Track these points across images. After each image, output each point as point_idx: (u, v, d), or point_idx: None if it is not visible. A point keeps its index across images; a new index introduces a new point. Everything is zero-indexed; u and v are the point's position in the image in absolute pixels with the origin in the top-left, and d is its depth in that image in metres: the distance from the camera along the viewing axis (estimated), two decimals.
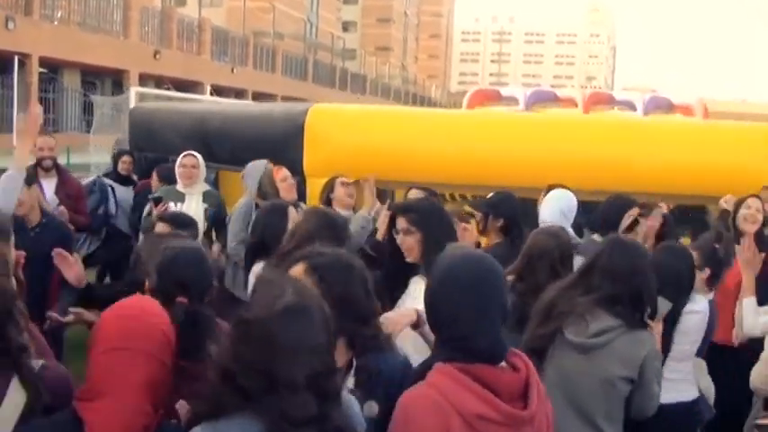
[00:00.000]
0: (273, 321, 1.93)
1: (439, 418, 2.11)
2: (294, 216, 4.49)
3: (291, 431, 1.87)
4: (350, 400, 2.21)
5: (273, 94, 46.22)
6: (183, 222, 4.53)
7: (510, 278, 4.16)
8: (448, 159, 6.33)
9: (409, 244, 3.56)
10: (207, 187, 6.61)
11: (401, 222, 3.59)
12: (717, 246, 4.88)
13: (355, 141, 6.35)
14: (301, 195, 6.19)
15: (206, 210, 6.33)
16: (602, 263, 3.46)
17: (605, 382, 3.29)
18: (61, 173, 6.89)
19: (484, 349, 2.21)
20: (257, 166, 5.87)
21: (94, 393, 2.16)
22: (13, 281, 2.73)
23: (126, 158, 8.34)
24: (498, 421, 2.12)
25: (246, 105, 11.01)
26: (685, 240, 5.81)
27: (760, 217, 5.36)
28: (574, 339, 3.32)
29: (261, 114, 7.00)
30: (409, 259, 3.58)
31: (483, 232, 5.34)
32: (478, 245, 5.44)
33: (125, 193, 7.81)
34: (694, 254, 4.57)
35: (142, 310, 2.32)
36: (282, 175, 5.66)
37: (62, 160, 19.63)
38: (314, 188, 6.17)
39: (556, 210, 5.21)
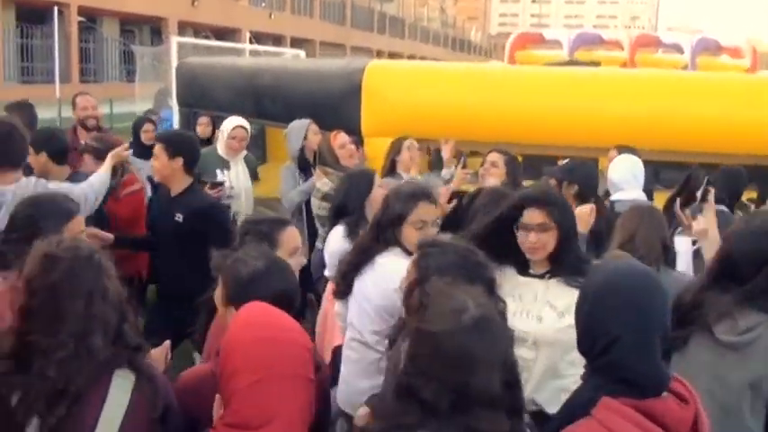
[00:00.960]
0: (464, 334, 1.85)
1: None
2: (379, 181, 4.51)
3: None
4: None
5: (312, 40, 45.93)
6: None
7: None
8: (509, 118, 6.14)
9: (544, 241, 3.09)
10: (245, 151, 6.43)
11: (536, 216, 3.09)
12: None
13: (414, 100, 6.18)
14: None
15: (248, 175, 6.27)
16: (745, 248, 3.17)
17: (754, 379, 3.04)
18: (104, 134, 6.75)
19: (645, 377, 2.02)
20: (299, 126, 5.72)
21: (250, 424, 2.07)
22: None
23: (148, 126, 7.26)
24: None
25: (300, 61, 10.81)
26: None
27: None
28: (724, 338, 3.04)
29: (315, 71, 6.81)
30: (534, 257, 3.16)
31: None
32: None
33: (149, 169, 7.03)
34: None
35: (281, 329, 2.21)
36: (341, 141, 5.49)
37: (104, 110, 19.85)
38: (372, 148, 6.04)
39: (628, 174, 5.01)
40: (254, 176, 6.62)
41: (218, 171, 5.95)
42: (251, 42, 26.79)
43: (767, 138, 5.97)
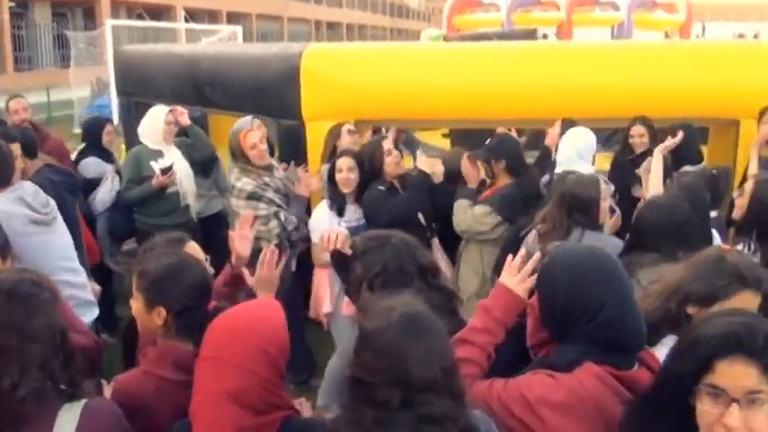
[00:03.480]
0: (393, 330, 1.99)
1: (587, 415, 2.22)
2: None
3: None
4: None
5: (248, 13, 45.37)
6: None
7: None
8: (448, 95, 6.18)
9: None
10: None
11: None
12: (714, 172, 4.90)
13: (354, 81, 6.17)
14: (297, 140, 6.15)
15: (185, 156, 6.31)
16: None
17: None
18: (39, 131, 6.71)
19: (632, 333, 2.30)
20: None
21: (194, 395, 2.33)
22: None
23: (110, 128, 7.06)
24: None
25: (239, 46, 10.74)
26: None
27: None
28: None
29: (254, 56, 6.77)
30: None
31: (492, 178, 5.34)
32: (483, 183, 5.42)
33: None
34: None
35: (245, 321, 2.38)
36: (251, 141, 5.36)
37: (42, 98, 19.48)
38: (314, 132, 6.06)
39: (573, 153, 5.17)
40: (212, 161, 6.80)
41: (152, 164, 6.01)
42: (186, 20, 26.42)
43: (684, 100, 6.23)
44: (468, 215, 5.13)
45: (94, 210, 6.29)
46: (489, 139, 5.41)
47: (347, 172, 5.10)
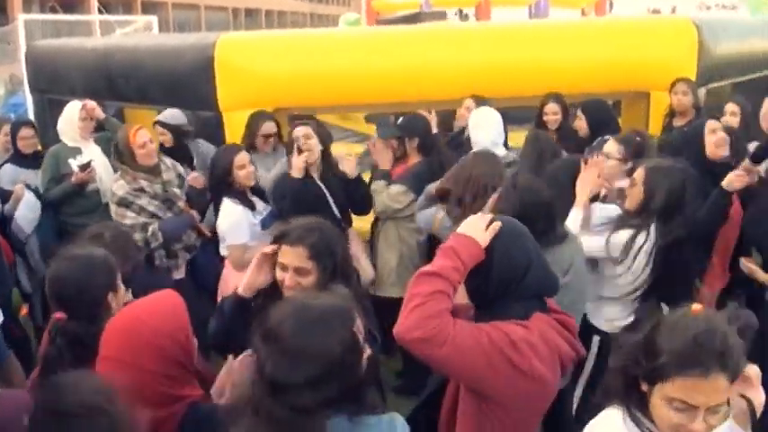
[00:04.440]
0: (284, 322, 2.04)
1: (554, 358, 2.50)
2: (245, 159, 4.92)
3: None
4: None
5: (164, 2, 44.63)
6: None
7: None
8: (368, 79, 6.21)
9: None
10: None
11: None
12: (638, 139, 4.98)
13: (270, 70, 6.13)
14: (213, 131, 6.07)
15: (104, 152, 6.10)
16: None
17: None
18: None
19: (553, 281, 2.64)
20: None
21: None
22: None
23: (26, 132, 6.22)
24: (574, 359, 2.62)
25: (152, 38, 10.53)
26: None
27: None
28: None
29: (168, 47, 6.66)
30: None
31: (403, 156, 5.40)
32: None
33: (33, 179, 6.01)
34: (620, 147, 4.68)
35: (136, 320, 2.36)
36: (141, 139, 5.10)
37: None
38: (232, 122, 5.99)
39: (495, 134, 5.31)
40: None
41: (71, 161, 5.87)
42: (100, 12, 25.85)
43: (596, 75, 6.44)
44: (384, 195, 5.23)
45: (20, 233, 5.70)
46: (401, 119, 5.47)
47: (249, 165, 5.01)
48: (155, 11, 34.91)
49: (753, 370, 2.16)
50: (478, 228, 2.50)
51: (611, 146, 4.73)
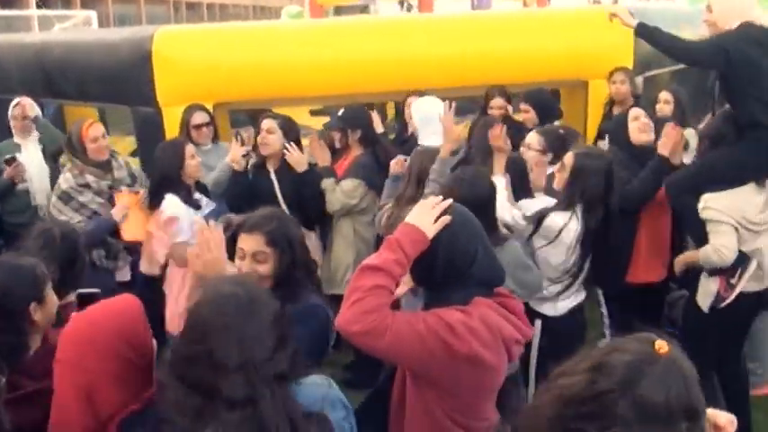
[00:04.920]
0: (205, 306, 2.04)
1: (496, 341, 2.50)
2: (191, 151, 4.84)
3: (222, 411, 1.95)
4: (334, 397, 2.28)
5: None
6: None
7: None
8: (308, 71, 6.18)
9: None
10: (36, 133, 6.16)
11: None
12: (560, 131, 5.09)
13: (209, 63, 6.05)
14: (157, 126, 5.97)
15: (43, 149, 6.09)
16: None
17: None
18: None
19: (498, 270, 2.65)
20: None
21: None
22: None
23: None
24: (521, 341, 2.62)
25: (88, 32, 10.36)
26: None
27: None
28: None
29: (105, 42, 6.54)
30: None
31: (345, 148, 5.39)
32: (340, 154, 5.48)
33: None
34: (541, 138, 4.76)
35: (89, 324, 2.33)
36: (94, 133, 5.09)
37: None
38: (171, 117, 5.89)
39: (426, 126, 5.30)
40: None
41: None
42: (38, 7, 25.40)
43: (535, 65, 6.52)
44: (338, 192, 5.16)
45: None
46: (342, 111, 5.44)
47: (196, 157, 4.96)
48: (94, 5, 34.38)
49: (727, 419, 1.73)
50: (428, 217, 2.51)
51: (533, 137, 4.82)
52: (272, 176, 5.21)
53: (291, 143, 5.10)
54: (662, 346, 1.62)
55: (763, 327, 5.19)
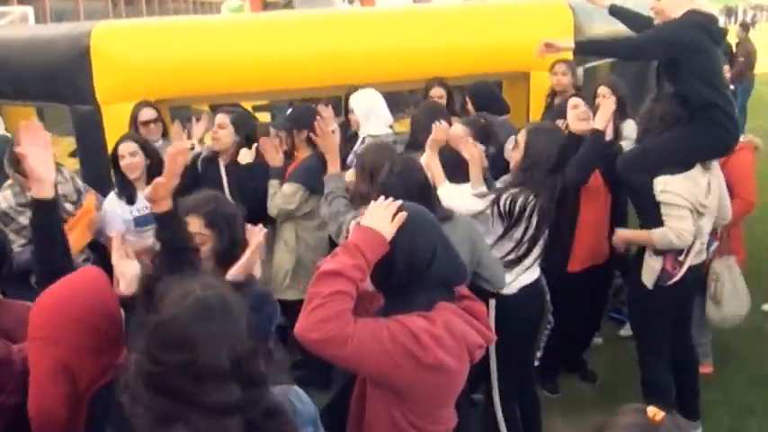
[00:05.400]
0: (185, 316, 1.97)
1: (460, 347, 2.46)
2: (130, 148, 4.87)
3: (218, 421, 1.91)
4: (295, 392, 2.31)
5: None
6: None
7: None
8: (249, 66, 6.13)
9: None
10: None
11: None
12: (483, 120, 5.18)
13: (149, 59, 5.94)
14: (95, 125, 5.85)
15: None
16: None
17: None
18: None
19: (460, 268, 2.61)
20: None
21: None
22: None
23: None
24: (484, 345, 2.57)
25: (24, 29, 10.11)
26: None
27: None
28: None
29: (41, 39, 6.37)
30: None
31: (293, 149, 5.36)
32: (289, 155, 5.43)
33: None
34: (466, 129, 4.82)
35: (58, 300, 2.36)
36: None
37: None
38: (111, 115, 5.78)
39: (386, 119, 5.49)
40: None
41: None
42: None
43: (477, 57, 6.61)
44: (278, 198, 5.11)
45: None
46: (290, 110, 5.41)
47: (130, 157, 4.93)
48: (30, 1, 33.61)
49: None
50: (383, 219, 2.45)
51: (457, 127, 4.84)
52: (222, 171, 5.16)
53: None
54: (655, 412, 1.73)
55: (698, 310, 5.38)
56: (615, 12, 5.30)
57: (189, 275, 2.22)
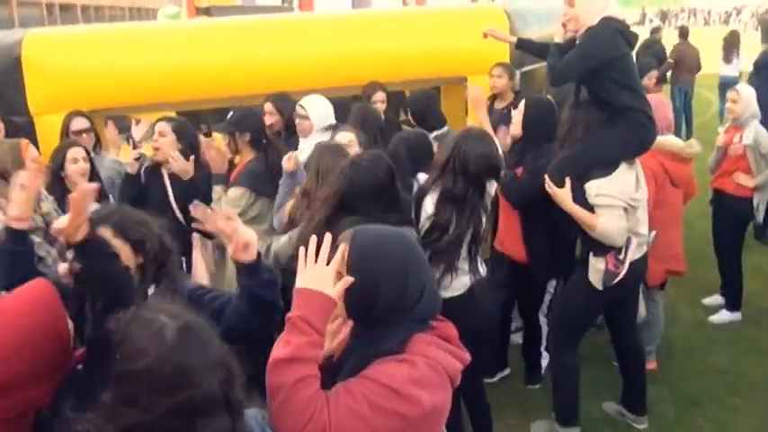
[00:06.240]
0: (173, 351, 1.82)
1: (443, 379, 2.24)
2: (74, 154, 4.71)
3: None
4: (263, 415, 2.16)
5: None
6: None
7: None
8: (185, 75, 6.08)
9: None
10: None
11: None
12: None
13: (82, 68, 5.85)
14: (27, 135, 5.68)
15: None
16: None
17: None
18: None
19: (439, 300, 2.36)
20: None
21: None
22: None
23: None
24: (461, 368, 2.32)
25: None
26: None
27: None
28: None
29: None
30: None
31: (235, 152, 5.32)
32: (231, 162, 5.39)
33: None
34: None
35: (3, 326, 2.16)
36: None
37: None
38: (45, 127, 5.66)
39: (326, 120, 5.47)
40: None
41: None
42: None
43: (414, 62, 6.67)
44: (224, 203, 5.02)
45: None
46: (231, 114, 5.36)
47: (83, 162, 4.84)
48: None
49: None
50: (324, 277, 2.19)
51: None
52: (166, 181, 5.09)
53: (175, 152, 5.00)
54: None
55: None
56: (522, 45, 5.74)
57: (137, 308, 2.02)
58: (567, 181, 4.55)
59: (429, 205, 4.19)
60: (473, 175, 4.17)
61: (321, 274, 2.18)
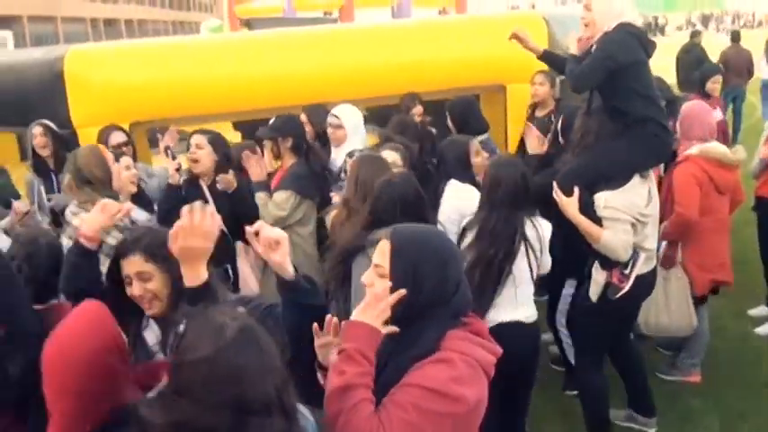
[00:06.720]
0: (231, 349, 1.86)
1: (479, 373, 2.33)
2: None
3: None
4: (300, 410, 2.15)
5: (18, 15, 43.02)
6: None
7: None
8: (223, 87, 6.13)
9: None
10: None
11: None
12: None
13: (123, 82, 5.94)
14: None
15: None
16: None
17: None
18: None
19: (469, 297, 2.44)
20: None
21: None
22: None
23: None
24: (494, 361, 2.41)
25: (1, 54, 10.08)
26: None
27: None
28: None
29: (14, 63, 6.35)
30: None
31: (278, 157, 5.37)
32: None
33: None
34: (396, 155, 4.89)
35: (58, 345, 2.22)
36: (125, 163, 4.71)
37: None
38: (87, 139, 5.70)
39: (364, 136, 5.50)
40: None
41: None
42: None
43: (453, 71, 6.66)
44: (270, 207, 5.08)
45: None
46: (273, 120, 5.40)
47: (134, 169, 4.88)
48: (9, 25, 33.65)
49: None
50: (375, 312, 2.33)
51: (390, 155, 4.81)
52: (206, 192, 5.13)
53: (222, 175, 5.04)
54: None
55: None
56: (545, 57, 5.63)
57: (203, 308, 2.08)
58: (576, 190, 4.48)
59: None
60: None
61: (372, 311, 2.34)
